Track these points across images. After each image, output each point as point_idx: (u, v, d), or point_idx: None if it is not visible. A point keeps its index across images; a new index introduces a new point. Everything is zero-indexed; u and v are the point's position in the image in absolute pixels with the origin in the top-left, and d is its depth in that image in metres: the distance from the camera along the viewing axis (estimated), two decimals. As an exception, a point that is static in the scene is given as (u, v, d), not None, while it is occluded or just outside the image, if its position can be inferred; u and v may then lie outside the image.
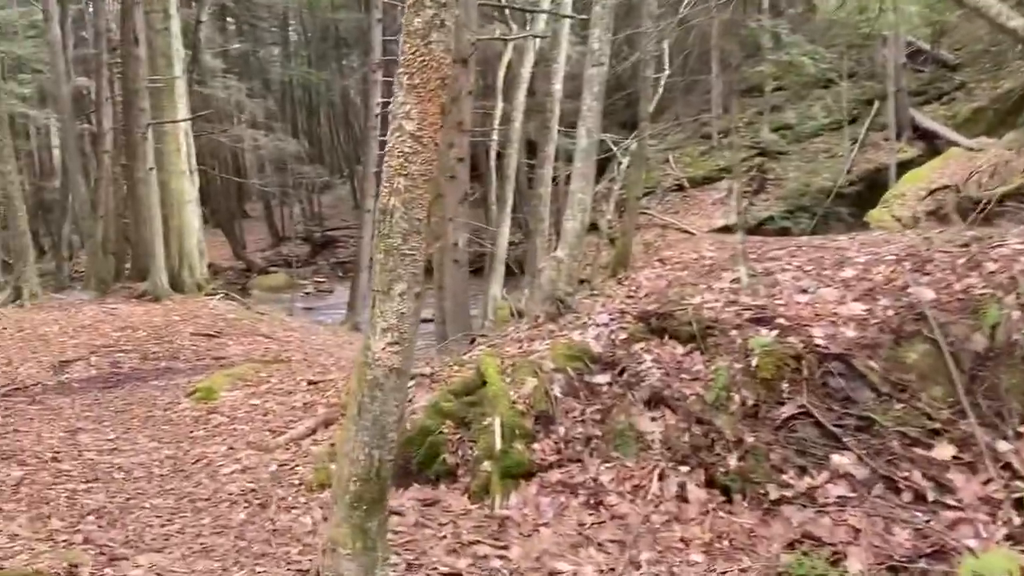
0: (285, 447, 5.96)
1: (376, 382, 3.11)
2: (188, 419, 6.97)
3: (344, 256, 29.73)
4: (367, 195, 16.70)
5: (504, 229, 14.67)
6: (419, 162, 3.12)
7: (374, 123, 16.44)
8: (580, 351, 4.65)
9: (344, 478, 3.18)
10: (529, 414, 4.44)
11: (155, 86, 13.36)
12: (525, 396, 4.51)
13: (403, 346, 3.14)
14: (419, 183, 3.12)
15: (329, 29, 34.18)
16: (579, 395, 4.48)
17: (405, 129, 3.11)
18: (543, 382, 4.52)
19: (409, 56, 3.11)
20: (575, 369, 4.56)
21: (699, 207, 21.30)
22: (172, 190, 14.29)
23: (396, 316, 3.10)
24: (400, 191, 3.09)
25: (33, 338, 10.60)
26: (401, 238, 3.09)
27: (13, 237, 14.65)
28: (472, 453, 4.47)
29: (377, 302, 3.12)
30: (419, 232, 3.14)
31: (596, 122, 5.52)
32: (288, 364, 9.01)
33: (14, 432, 6.27)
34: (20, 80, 22.36)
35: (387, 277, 3.10)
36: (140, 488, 5.15)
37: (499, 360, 4.85)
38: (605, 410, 4.37)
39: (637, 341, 4.64)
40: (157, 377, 8.90)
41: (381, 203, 3.16)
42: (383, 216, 3.13)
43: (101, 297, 14.55)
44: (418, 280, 3.16)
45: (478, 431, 4.53)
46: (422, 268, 3.19)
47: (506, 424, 4.40)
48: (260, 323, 12.80)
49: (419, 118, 3.11)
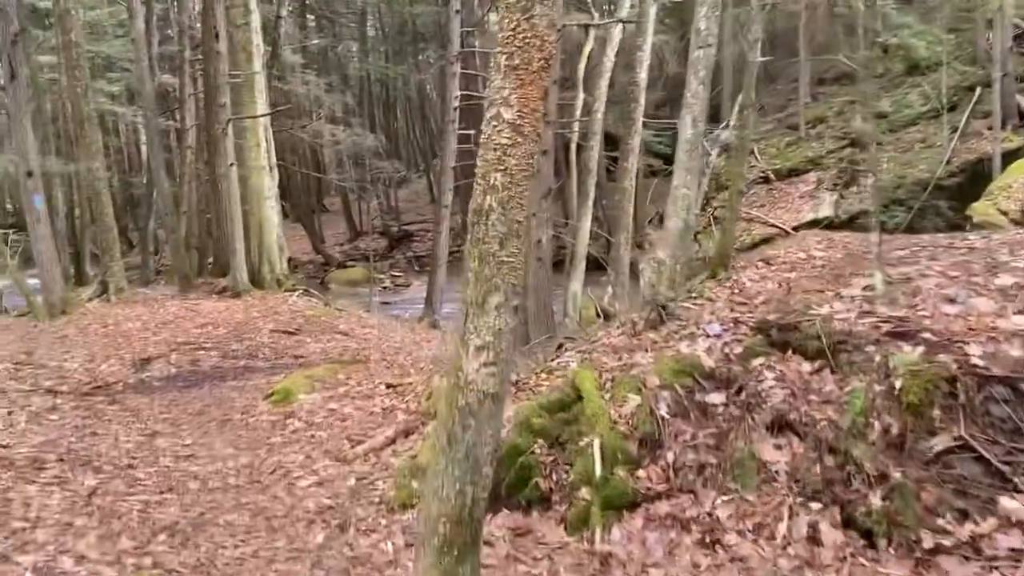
0: (364, 458, 5.65)
1: (469, 409, 2.70)
2: (265, 424, 6.74)
3: (421, 250, 29.70)
4: (444, 190, 16.43)
5: (585, 224, 14.13)
6: (519, 155, 2.69)
7: (452, 116, 16.12)
8: (690, 366, 4.14)
9: (432, 517, 2.78)
10: (632, 436, 3.97)
11: (235, 81, 13.33)
12: (627, 415, 4.04)
13: (499, 367, 2.72)
14: (518, 179, 2.69)
15: (406, 24, 34.14)
16: (690, 416, 3.97)
17: (503, 117, 2.67)
18: (648, 400, 4.04)
19: (508, 33, 2.68)
20: (684, 386, 4.06)
21: (786, 201, 20.37)
22: (252, 186, 14.29)
23: (492, 333, 2.68)
24: (497, 188, 2.66)
25: (116, 334, 10.65)
26: (498, 243, 2.66)
27: (100, 232, 14.90)
28: (568, 478, 4.03)
29: (470, 316, 2.70)
30: (518, 235, 2.71)
31: (702, 110, 4.99)
32: (366, 365, 8.75)
33: (91, 435, 6.13)
34: (109, 78, 22.97)
35: (482, 288, 2.68)
36: (215, 501, 4.89)
37: (596, 373, 4.38)
38: (721, 434, 3.86)
39: (756, 356, 4.10)
40: (236, 377, 8.76)
41: (475, 203, 2.73)
42: (477, 218, 2.71)
43: (183, 292, 14.68)
44: (517, 291, 2.73)
45: (574, 453, 4.09)
46: (522, 277, 2.76)
47: (606, 447, 3.95)
48: (338, 320, 12.65)
49: (519, 104, 2.67)
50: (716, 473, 3.78)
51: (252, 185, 14.36)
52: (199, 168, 18.43)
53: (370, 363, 9.05)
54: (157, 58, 19.69)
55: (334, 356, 10.07)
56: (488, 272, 2.66)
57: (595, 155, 14.57)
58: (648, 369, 4.22)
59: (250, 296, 13.38)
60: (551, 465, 4.13)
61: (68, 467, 5.16)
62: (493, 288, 2.66)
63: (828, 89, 22.48)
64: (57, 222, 19.52)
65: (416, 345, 11.91)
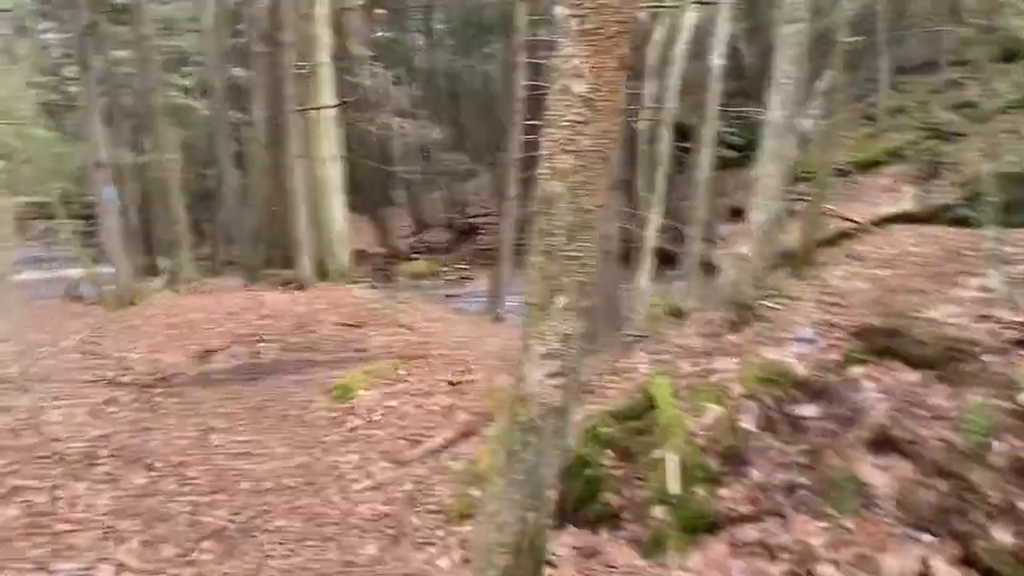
0: (421, 460, 5.38)
1: (531, 425, 2.37)
2: (323, 420, 6.54)
3: (485, 243, 29.50)
4: (509, 182, 16.10)
5: (654, 216, 13.66)
6: (592, 134, 2.34)
7: (518, 108, 15.78)
8: (778, 373, 3.73)
9: (488, 546, 2.46)
10: (712, 450, 3.58)
11: (301, 73, 13.26)
12: (707, 427, 3.66)
13: (567, 378, 2.38)
14: (591, 162, 2.34)
15: (473, 16, 33.95)
16: (778, 430, 3.56)
17: (573, 91, 2.33)
18: (730, 411, 3.64)
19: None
20: (772, 396, 3.65)
21: (864, 194, 19.41)
22: (318, 178, 14.23)
23: (558, 338, 2.34)
24: (566, 172, 2.32)
25: (181, 325, 10.66)
26: (566, 235, 2.32)
27: (170, 224, 15.10)
28: (640, 494, 3.67)
29: (533, 320, 2.36)
30: (590, 227, 2.36)
31: (793, 92, 4.53)
32: (427, 361, 8.50)
33: (146, 430, 6.02)
34: (182, 72, 23.37)
35: (546, 287, 2.34)
36: (267, 504, 4.68)
37: (671, 379, 4.00)
38: (814, 452, 3.44)
39: (854, 364, 3.66)
40: (297, 370, 8.61)
41: (540, 191, 2.39)
42: (542, 207, 2.37)
43: (250, 284, 14.74)
44: (587, 291, 2.38)
45: (647, 467, 3.72)
46: (592, 275, 2.41)
47: (684, 461, 3.57)
48: (402, 313, 12.47)
49: (593, 75, 2.32)
50: (809, 496, 3.36)
51: (318, 177, 14.30)
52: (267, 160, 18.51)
53: (431, 359, 8.80)
54: (228, 51, 19.87)
55: (396, 350, 9.87)
56: (554, 269, 2.32)
57: (664, 146, 14.06)
58: (731, 376, 3.82)
59: (315, 288, 13.32)
60: (621, 479, 3.77)
61: (120, 463, 5.04)
62: (560, 288, 2.32)
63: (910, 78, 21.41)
64: (130, 213, 19.95)
65: (479, 340, 11.64)
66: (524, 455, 2.36)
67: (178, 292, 13.77)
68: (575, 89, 2.31)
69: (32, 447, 5.09)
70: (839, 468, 3.35)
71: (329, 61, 14.82)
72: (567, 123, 2.31)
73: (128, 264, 12.81)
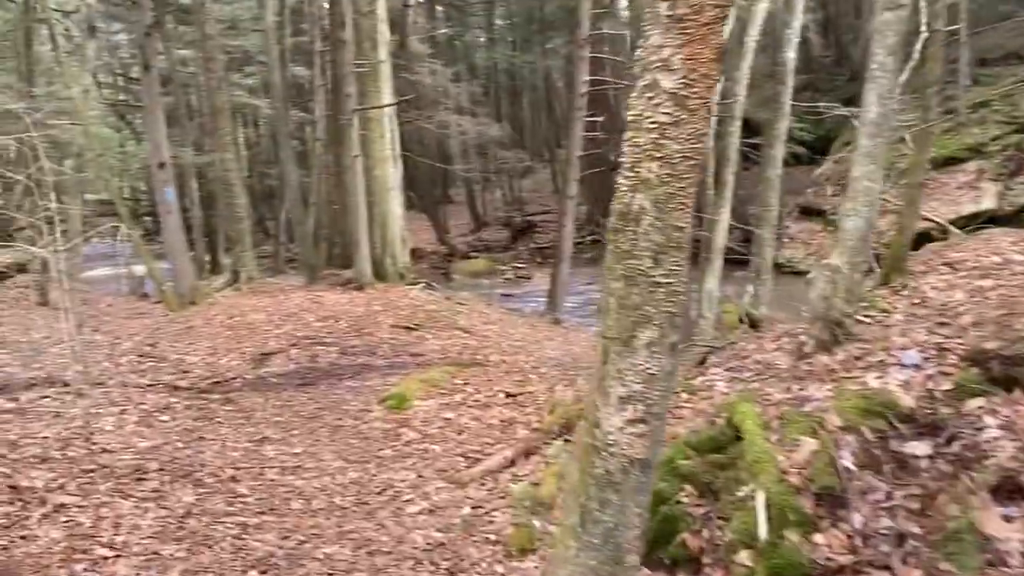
0: (480, 481, 5.08)
1: (609, 479, 2.02)
2: (377, 432, 6.30)
3: (543, 242, 29.14)
4: (569, 180, 15.72)
5: (723, 216, 13.09)
6: (682, 138, 1.97)
7: (579, 104, 15.38)
8: (881, 404, 3.30)
9: (558, 616, 2.13)
10: (807, 491, 3.17)
11: (361, 71, 13.11)
12: (800, 464, 3.25)
13: (650, 425, 2.02)
14: (681, 171, 1.97)
15: (534, 12, 33.62)
16: (882, 469, 3.14)
17: (662, 87, 1.96)
18: (827, 446, 3.23)
19: (671, -28, 1.97)
20: (875, 430, 3.23)
21: (942, 192, 18.50)
22: (376, 177, 14.07)
23: (642, 379, 1.99)
24: (652, 184, 1.96)
25: (240, 326, 10.60)
26: (651, 257, 1.96)
27: (232, 223, 15.15)
28: (723, 536, 3.29)
29: (612, 357, 2.01)
30: (680, 248, 2.00)
31: (891, 85, 4.07)
32: (485, 369, 8.21)
33: (199, 440, 5.86)
34: (245, 72, 23.61)
35: (627, 319, 1.99)
36: (317, 527, 4.43)
37: (758, 406, 3.60)
38: (926, 496, 3.01)
39: (971, 395, 3.21)
40: (353, 376, 8.42)
41: (619, 204, 2.04)
42: (622, 224, 2.02)
43: (310, 283, 14.70)
44: (676, 324, 2.02)
45: (731, 506, 3.34)
46: (682, 305, 2.05)
47: (773, 502, 3.17)
48: (459, 316, 12.23)
49: (685, 68, 1.95)
50: (921, 547, 2.93)
51: (377, 176, 14.15)
52: (327, 160, 18.53)
53: (489, 366, 8.52)
54: (290, 50, 19.95)
55: (453, 355, 9.63)
56: (638, 298, 1.97)
57: (734, 142, 13.50)
58: (826, 405, 3.40)
59: (373, 289, 13.17)
60: (702, 519, 3.39)
61: (168, 478, 4.85)
62: (644, 319, 1.96)
63: (992, 70, 20.31)
64: (193, 212, 20.20)
65: (537, 344, 11.34)
66: (601, 515, 2.02)
67: (239, 291, 13.80)
68: (664, 85, 1.95)
69: (81, 459, 4.95)
70: (957, 517, 2.91)
71: (388, 59, 14.66)
72: (654, 125, 1.96)
73: (189, 263, 12.85)
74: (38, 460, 4.85)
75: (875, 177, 4.06)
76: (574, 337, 12.77)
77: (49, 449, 5.09)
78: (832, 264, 4.05)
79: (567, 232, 15.67)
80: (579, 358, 10.68)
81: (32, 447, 5.07)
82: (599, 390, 2.03)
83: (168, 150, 12.29)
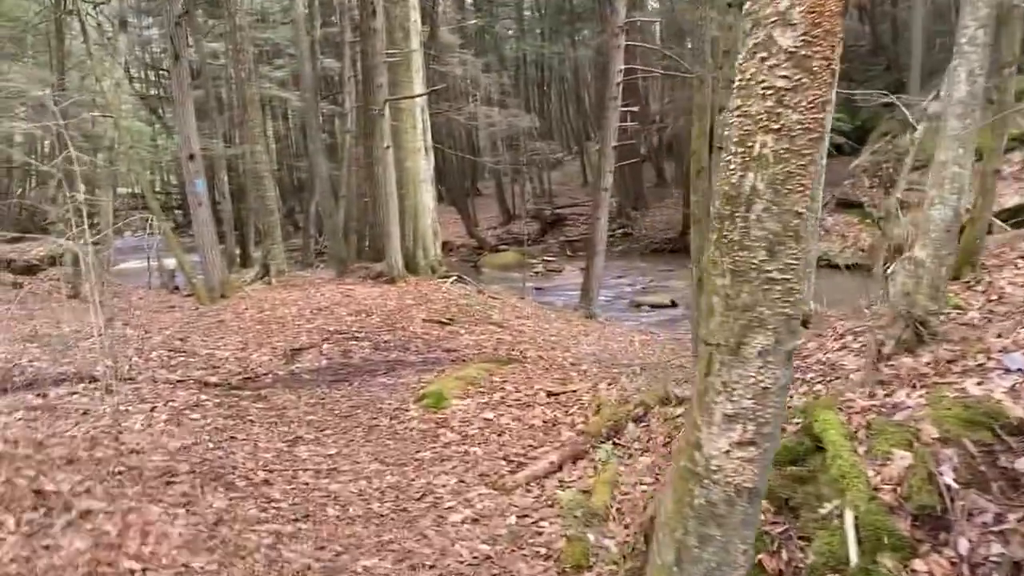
0: (525, 487, 4.79)
1: (712, 511, 1.72)
2: (415, 433, 6.04)
3: (573, 235, 28.81)
4: (604, 172, 15.34)
5: (763, 209, 12.70)
6: (803, 105, 1.66)
7: (614, 93, 14.99)
8: (985, 414, 2.95)
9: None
10: (903, 510, 2.84)
11: (392, 60, 12.84)
12: (893, 479, 2.92)
13: (761, 448, 1.71)
14: (801, 144, 1.66)
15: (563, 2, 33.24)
16: (990, 488, 2.80)
17: (779, 45, 1.65)
18: (924, 460, 2.89)
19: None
20: (980, 444, 2.89)
21: (985, 182, 17.81)
22: (407, 169, 13.82)
23: (753, 393, 1.68)
24: (766, 161, 1.65)
25: (271, 320, 10.41)
26: (766, 249, 1.65)
27: (262, 215, 15.01)
28: (805, 558, 2.97)
29: (716, 367, 1.70)
30: (798, 237, 1.69)
31: (982, 60, 3.70)
32: (523, 365, 7.93)
33: (230, 440, 5.63)
34: (276, 65, 23.49)
35: (736, 322, 1.68)
36: (354, 536, 4.18)
37: (841, 414, 3.27)
38: (1044, 520, 2.67)
39: (1092, 404, 2.86)
40: (386, 372, 8.18)
41: (725, 186, 1.73)
42: (730, 209, 1.70)
43: (340, 277, 14.50)
44: (793, 328, 1.71)
45: (813, 525, 3.01)
46: (800, 305, 1.74)
47: (864, 523, 2.85)
48: (492, 310, 11.96)
49: (807, 22, 1.63)
50: (1039, 578, 2.60)
51: (408, 168, 13.89)
52: (358, 152, 18.34)
53: (527, 362, 8.23)
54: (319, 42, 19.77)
55: (487, 349, 9.36)
56: (748, 297, 1.65)
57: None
58: (920, 414, 3.06)
59: (404, 282, 12.94)
60: (779, 538, 3.07)
61: (199, 482, 4.62)
62: (757, 323, 1.65)
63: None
64: (223, 205, 20.13)
65: (573, 339, 11.03)
66: (702, 553, 1.72)
67: (270, 284, 13.64)
68: (781, 42, 1.64)
69: (108, 460, 4.73)
70: (1081, 544, 2.57)
71: (421, 48, 14.39)
72: (769, 91, 1.64)
73: (219, 256, 12.70)
74: (64, 461, 4.64)
75: (964, 162, 3.70)
76: (610, 332, 12.44)
77: (76, 449, 4.88)
78: (915, 257, 3.70)
79: (601, 225, 15.31)
80: (617, 354, 10.37)
81: (59, 448, 4.86)
82: (701, 406, 1.72)
83: (198, 142, 12.12)
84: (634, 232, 28.03)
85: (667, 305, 17.21)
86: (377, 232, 15.66)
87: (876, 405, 3.29)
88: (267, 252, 14.62)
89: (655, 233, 27.28)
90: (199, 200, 11.86)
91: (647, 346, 11.30)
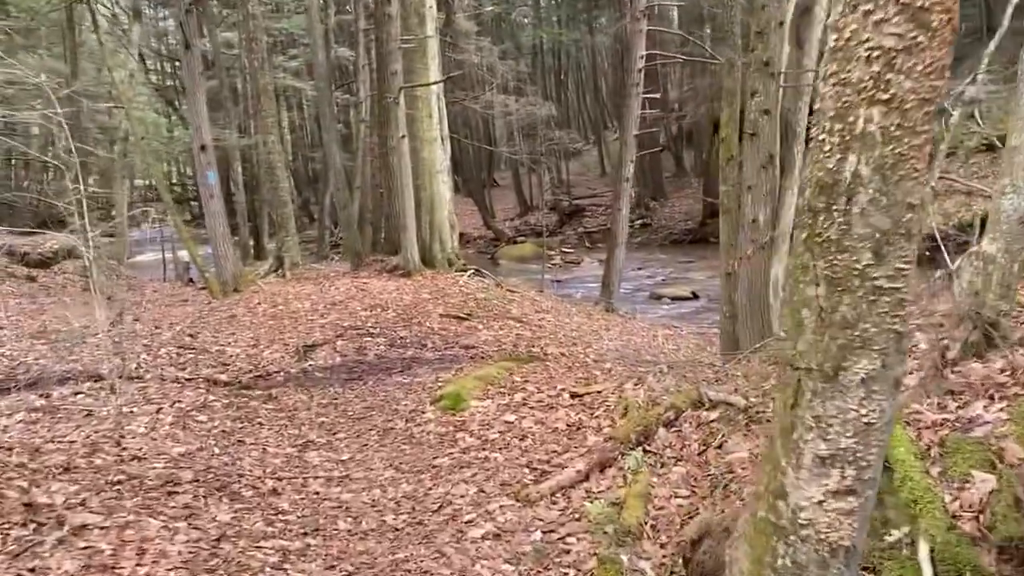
0: (550, 498, 4.47)
1: (800, 573, 1.38)
2: (432, 437, 5.73)
3: (591, 226, 28.42)
4: (625, 162, 14.94)
5: (790, 198, 12.28)
6: (918, 71, 1.31)
7: (636, 79, 14.59)
8: (1080, 431, 2.60)
9: None
10: (988, 542, 2.50)
11: (407, 47, 12.50)
12: (975, 505, 2.58)
13: (861, 497, 1.38)
14: (915, 119, 1.31)
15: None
16: (1090, 518, 2.45)
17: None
18: (1010, 483, 2.55)
19: None
20: (1075, 466, 2.53)
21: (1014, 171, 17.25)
22: (423, 159, 13.49)
23: (854, 430, 1.34)
24: (872, 140, 1.31)
25: (284, 315, 10.15)
26: (872, 250, 1.31)
27: (276, 207, 14.76)
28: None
29: (807, 397, 1.37)
30: (909, 236, 1.34)
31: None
32: (544, 363, 7.60)
33: (238, 444, 5.36)
34: (290, 54, 23.22)
35: (833, 342, 1.35)
36: (367, 553, 3.87)
37: (909, 428, 2.92)
38: None
39: None
40: (402, 370, 7.89)
41: (819, 172, 1.39)
42: (824, 201, 1.36)
43: (355, 270, 14.24)
44: (902, 349, 1.37)
45: (879, 553, 2.67)
46: (907, 320, 1.40)
47: (942, 554, 2.51)
48: (511, 304, 11.65)
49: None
50: None
51: (424, 158, 13.56)
52: (372, 142, 18.05)
53: (548, 360, 7.90)
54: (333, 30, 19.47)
55: (507, 345, 9.05)
56: (850, 310, 1.32)
57: (803, 118, 12.63)
58: (1002, 430, 2.71)
59: (420, 276, 12.64)
60: (841, 569, 2.73)
61: (203, 491, 4.34)
62: (858, 342, 1.31)
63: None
64: (237, 196, 19.91)
65: (594, 334, 10.70)
66: (788, 626, 1.40)
67: (284, 277, 13.40)
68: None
69: (108, 468, 4.46)
70: None
71: (436, 34, 14.04)
72: (876, 52, 1.30)
73: (232, 249, 12.44)
74: (61, 469, 4.38)
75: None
76: (632, 326, 12.10)
77: (75, 456, 4.62)
78: (985, 252, 3.34)
79: (622, 216, 14.93)
80: (641, 349, 10.03)
81: (56, 454, 4.61)
82: (785, 445, 1.39)
83: (210, 133, 11.85)
84: (653, 223, 27.64)
85: (688, 297, 16.85)
86: (392, 224, 15.35)
87: (949, 419, 2.94)
88: (281, 244, 14.38)
89: (674, 224, 26.87)
90: (211, 192, 11.60)
91: (671, 340, 10.96)
